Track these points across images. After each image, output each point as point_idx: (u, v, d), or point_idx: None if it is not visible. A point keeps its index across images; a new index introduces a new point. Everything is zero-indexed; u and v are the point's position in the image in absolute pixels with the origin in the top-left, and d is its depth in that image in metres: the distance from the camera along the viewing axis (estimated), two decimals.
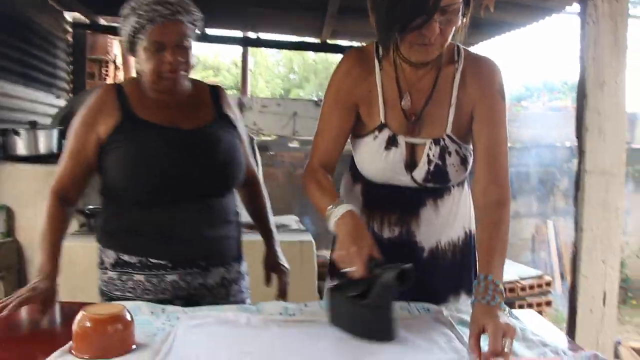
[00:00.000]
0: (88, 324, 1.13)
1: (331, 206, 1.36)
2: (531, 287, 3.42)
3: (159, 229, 1.55)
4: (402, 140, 1.46)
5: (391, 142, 1.46)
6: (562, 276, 5.76)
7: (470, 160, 1.50)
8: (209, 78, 18.73)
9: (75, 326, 1.14)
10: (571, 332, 2.04)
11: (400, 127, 1.47)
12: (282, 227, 3.18)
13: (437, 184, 1.50)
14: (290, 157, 5.87)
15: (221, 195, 1.63)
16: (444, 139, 1.46)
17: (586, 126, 1.89)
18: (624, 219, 6.00)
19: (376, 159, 1.48)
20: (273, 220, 1.89)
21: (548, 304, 3.42)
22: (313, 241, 2.92)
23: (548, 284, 3.46)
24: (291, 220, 3.48)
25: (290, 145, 6.22)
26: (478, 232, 1.40)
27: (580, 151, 1.93)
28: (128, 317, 1.18)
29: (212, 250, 1.62)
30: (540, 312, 3.42)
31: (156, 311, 1.39)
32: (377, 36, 1.41)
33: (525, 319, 1.41)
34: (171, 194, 1.54)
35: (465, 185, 1.61)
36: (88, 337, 1.13)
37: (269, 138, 6.53)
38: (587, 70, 1.86)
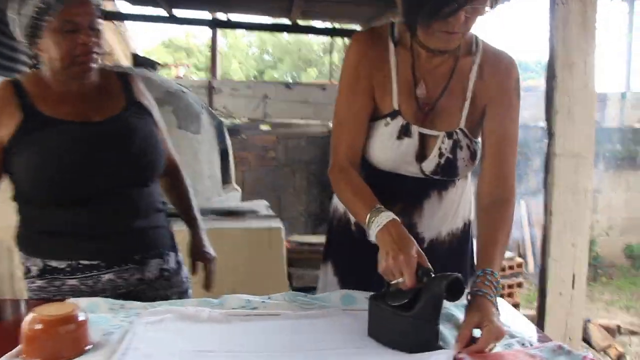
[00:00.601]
0: (38, 326, 1.07)
1: (370, 214, 1.28)
2: (502, 268, 3.43)
3: (84, 228, 1.47)
4: (415, 130, 1.41)
5: (404, 132, 1.41)
6: (535, 255, 5.84)
7: (479, 155, 1.47)
8: (181, 60, 18.42)
9: (24, 328, 1.07)
10: (541, 314, 2.04)
11: (413, 115, 1.42)
12: (251, 213, 3.14)
13: (445, 177, 1.47)
14: (262, 141, 5.80)
15: (145, 184, 1.56)
16: (456, 133, 1.42)
17: (555, 108, 1.87)
18: (595, 198, 6.10)
19: (387, 147, 1.42)
20: (197, 206, 1.83)
21: (519, 285, 3.45)
22: (282, 227, 2.88)
23: (519, 265, 3.48)
24: (260, 205, 3.43)
25: (262, 128, 6.14)
26: (481, 228, 1.38)
27: (550, 133, 1.91)
28: (81, 316, 1.12)
29: (146, 242, 1.55)
30: (511, 294, 3.45)
31: (115, 307, 1.33)
32: (403, 19, 1.36)
33: None
34: (89, 190, 1.46)
35: (468, 177, 1.59)
36: (38, 340, 1.07)
37: (239, 121, 6.43)
38: (556, 51, 1.84)
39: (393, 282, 1.16)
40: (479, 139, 1.48)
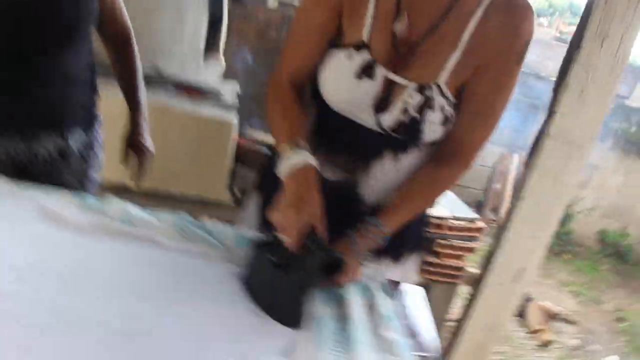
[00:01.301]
0: None
1: (287, 146, 1.07)
2: (460, 229, 3.25)
3: None
4: (380, 72, 1.12)
5: (366, 71, 1.12)
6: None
7: (453, 121, 1.19)
8: None
9: None
10: (472, 299, 1.85)
11: (384, 54, 1.13)
12: (212, 95, 2.84)
13: (405, 138, 1.19)
14: (265, 15, 5.36)
15: (54, 49, 1.31)
16: (431, 88, 1.13)
17: (567, 83, 1.55)
18: (590, 173, 5.84)
19: (343, 85, 1.15)
20: (144, 89, 1.60)
21: (470, 250, 3.28)
22: (234, 123, 2.60)
23: (478, 229, 3.30)
24: (228, 89, 3.11)
25: (268, 3, 5.66)
26: (410, 177, 1.21)
27: (550, 111, 1.61)
28: None
29: (40, 114, 1.34)
30: (459, 256, 3.30)
31: None
32: None
33: (408, 295, 1.25)
34: None
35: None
36: None
37: None
38: (591, 16, 1.49)
39: (279, 236, 1.01)
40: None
